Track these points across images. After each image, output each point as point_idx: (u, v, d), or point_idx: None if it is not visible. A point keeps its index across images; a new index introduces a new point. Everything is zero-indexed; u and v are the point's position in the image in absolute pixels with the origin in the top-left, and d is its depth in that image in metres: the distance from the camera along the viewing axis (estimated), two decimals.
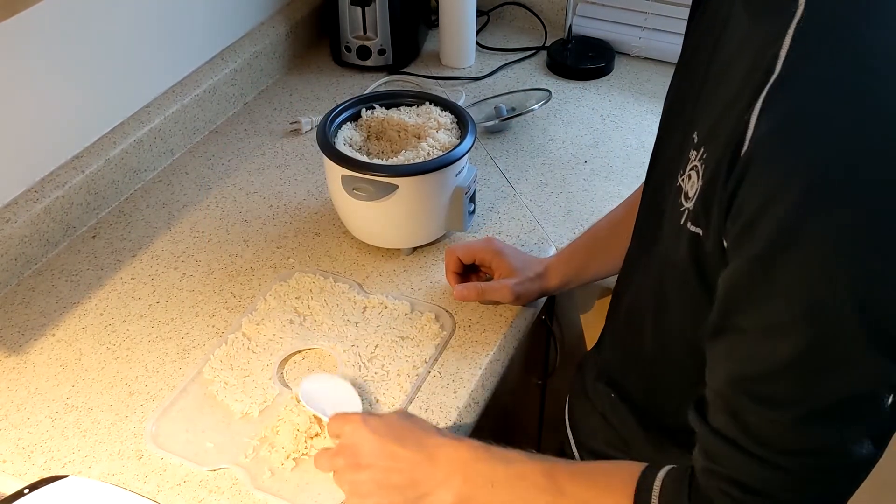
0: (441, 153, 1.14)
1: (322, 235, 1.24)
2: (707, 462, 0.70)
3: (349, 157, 1.13)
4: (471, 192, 1.18)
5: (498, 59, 1.63)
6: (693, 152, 0.72)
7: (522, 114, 1.44)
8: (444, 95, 1.41)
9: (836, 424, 0.64)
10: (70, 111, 1.23)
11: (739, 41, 0.70)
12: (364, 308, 1.11)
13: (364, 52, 1.58)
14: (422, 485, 0.84)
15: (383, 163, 1.14)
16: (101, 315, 1.12)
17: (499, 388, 1.07)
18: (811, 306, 0.60)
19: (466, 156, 1.15)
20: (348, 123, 1.21)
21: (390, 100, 1.24)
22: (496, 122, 1.43)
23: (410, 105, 1.24)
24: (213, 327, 1.10)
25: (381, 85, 1.57)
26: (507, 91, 1.52)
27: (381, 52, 1.58)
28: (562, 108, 1.51)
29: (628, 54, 1.64)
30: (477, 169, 1.20)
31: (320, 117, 1.28)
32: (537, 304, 1.15)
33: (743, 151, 0.62)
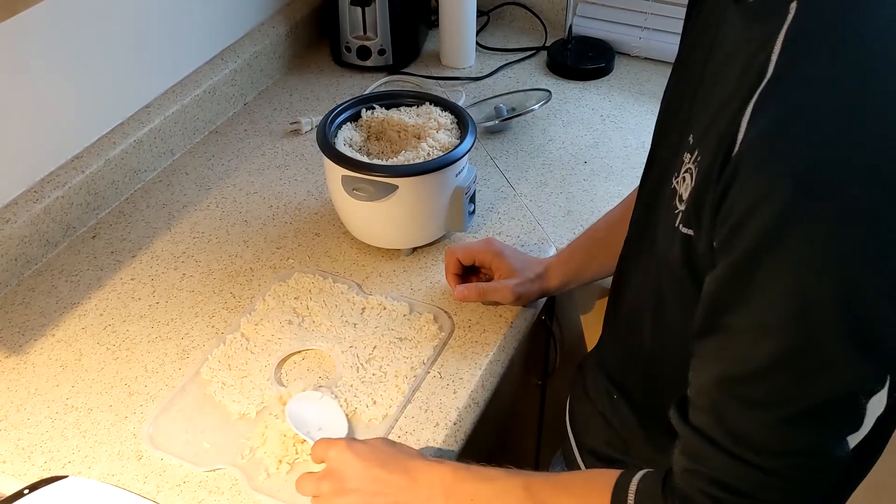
0: (441, 153, 1.14)
1: (322, 236, 1.24)
2: (688, 462, 0.70)
3: (349, 157, 1.13)
4: (471, 192, 1.18)
5: (498, 60, 1.63)
6: (687, 154, 0.72)
7: (522, 114, 1.44)
8: (444, 95, 1.41)
9: (820, 425, 0.65)
10: (70, 111, 1.23)
11: (734, 42, 0.70)
12: (363, 309, 1.11)
13: (364, 53, 1.58)
14: None
15: (383, 163, 1.14)
16: (101, 315, 1.12)
17: (499, 389, 1.07)
18: (796, 308, 0.61)
19: (466, 156, 1.15)
20: (348, 123, 1.21)
21: (390, 100, 1.24)
22: (496, 122, 1.43)
23: (410, 105, 1.24)
24: (212, 328, 1.10)
25: (381, 85, 1.57)
26: (507, 91, 1.52)
27: (381, 52, 1.57)
28: (562, 109, 1.51)
29: (628, 54, 1.64)
30: (477, 169, 1.20)
31: (320, 117, 1.27)
32: (537, 305, 1.15)
33: (734, 153, 0.62)
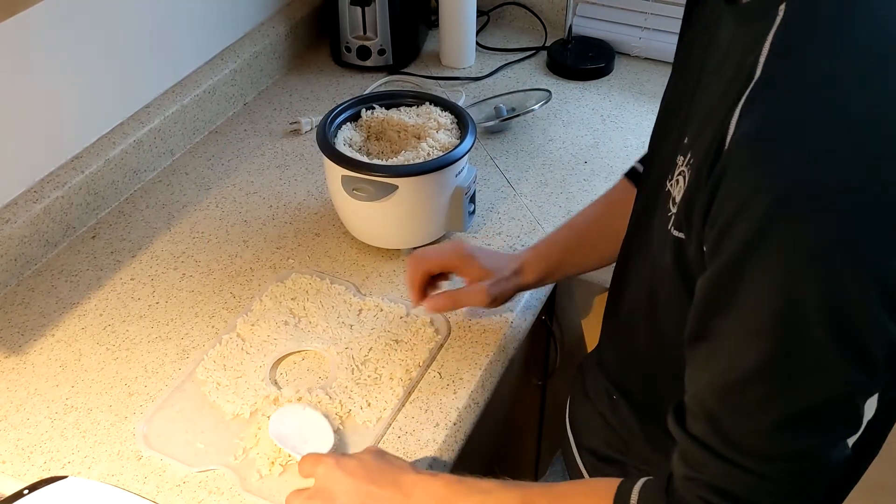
0: (441, 153, 1.14)
1: (322, 236, 1.24)
2: (687, 469, 0.70)
3: (349, 157, 1.13)
4: (471, 192, 1.18)
5: (498, 60, 1.63)
6: (681, 157, 0.72)
7: (522, 114, 1.44)
8: (444, 95, 1.41)
9: (813, 429, 0.65)
10: (70, 111, 1.23)
11: (727, 43, 0.71)
12: (359, 310, 1.11)
13: (364, 53, 1.58)
14: None
15: (383, 163, 1.13)
16: (101, 315, 1.12)
17: (499, 389, 1.07)
18: (781, 312, 0.61)
19: (466, 156, 1.15)
20: (348, 123, 1.21)
21: (390, 100, 1.24)
22: (496, 122, 1.43)
23: (410, 105, 1.24)
24: (212, 328, 1.10)
25: (381, 85, 1.57)
26: (507, 91, 1.52)
27: (381, 52, 1.57)
28: (562, 109, 1.51)
29: (628, 54, 1.64)
30: (477, 169, 1.20)
31: (320, 117, 1.27)
32: (537, 305, 1.15)
33: (722, 157, 0.63)
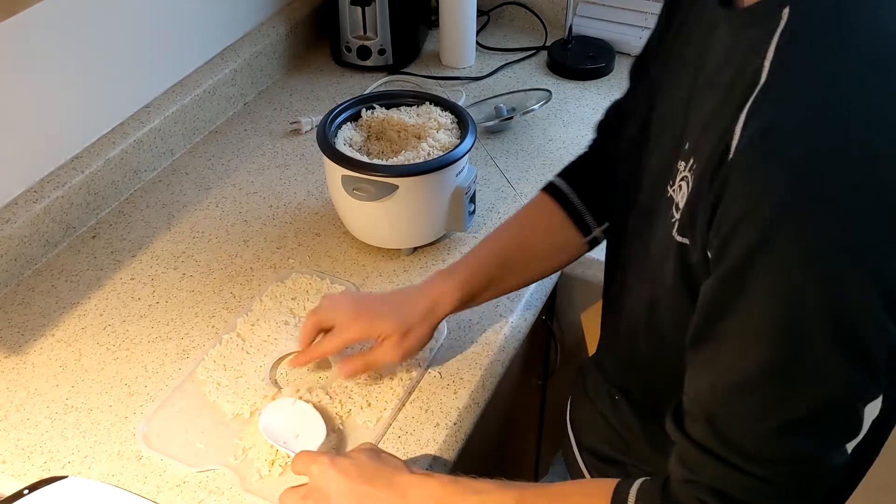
0: (441, 153, 1.14)
1: (322, 236, 1.24)
2: (685, 472, 0.70)
3: (349, 157, 1.12)
4: (471, 192, 1.18)
5: (498, 59, 1.63)
6: (682, 162, 0.72)
7: (522, 114, 1.44)
8: (444, 95, 1.41)
9: (814, 433, 0.65)
10: (70, 111, 1.23)
11: (725, 49, 0.70)
12: None
13: (364, 52, 1.58)
14: None
15: (383, 163, 1.13)
16: (101, 315, 1.12)
17: (499, 389, 1.07)
18: (783, 313, 0.61)
19: (466, 156, 1.15)
20: (348, 123, 1.21)
21: (390, 100, 1.24)
22: (496, 122, 1.43)
23: (410, 105, 1.24)
24: (212, 328, 1.10)
25: (381, 85, 1.57)
26: (507, 91, 1.52)
27: (381, 52, 1.57)
28: (562, 108, 1.51)
29: (628, 54, 1.64)
30: (477, 169, 1.20)
31: (320, 117, 1.27)
32: (538, 305, 1.15)
33: (727, 162, 0.63)
